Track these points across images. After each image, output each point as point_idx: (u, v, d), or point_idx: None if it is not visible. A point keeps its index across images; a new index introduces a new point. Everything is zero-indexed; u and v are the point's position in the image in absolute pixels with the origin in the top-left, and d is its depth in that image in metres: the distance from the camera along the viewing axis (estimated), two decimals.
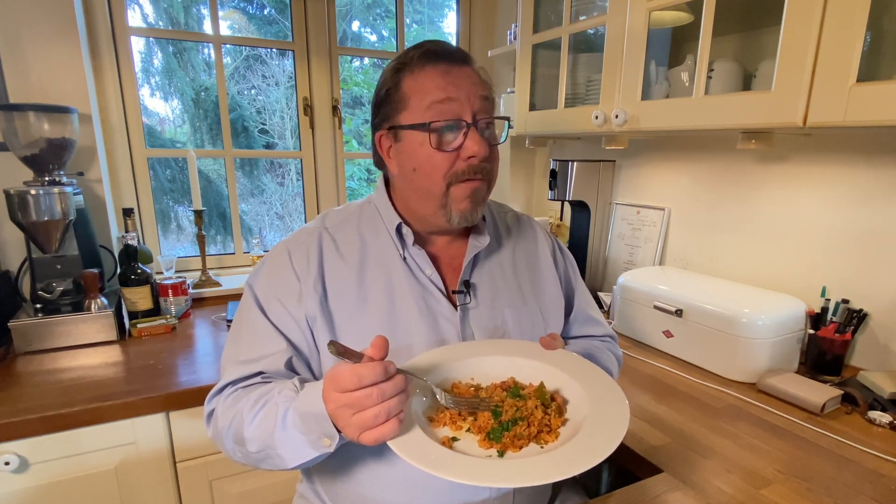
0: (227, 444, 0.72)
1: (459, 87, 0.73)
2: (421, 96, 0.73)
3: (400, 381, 0.57)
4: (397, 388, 0.56)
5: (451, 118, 0.73)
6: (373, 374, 0.55)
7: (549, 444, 0.62)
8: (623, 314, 1.42)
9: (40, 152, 1.35)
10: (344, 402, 0.56)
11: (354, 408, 0.55)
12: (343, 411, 0.56)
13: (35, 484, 1.05)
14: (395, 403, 0.56)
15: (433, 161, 0.74)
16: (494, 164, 0.79)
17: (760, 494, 0.77)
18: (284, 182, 2.47)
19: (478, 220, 0.80)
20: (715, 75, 1.15)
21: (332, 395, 0.57)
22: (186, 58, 2.08)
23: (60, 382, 1.13)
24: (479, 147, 0.73)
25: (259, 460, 0.68)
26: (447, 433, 0.64)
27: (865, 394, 1.02)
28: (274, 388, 0.68)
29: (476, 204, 0.77)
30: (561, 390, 0.71)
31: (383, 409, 0.55)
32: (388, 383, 0.56)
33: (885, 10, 0.89)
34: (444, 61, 0.74)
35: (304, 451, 0.63)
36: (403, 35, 2.12)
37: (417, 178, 0.76)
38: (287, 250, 0.79)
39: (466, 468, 0.55)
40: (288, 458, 0.64)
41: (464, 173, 0.74)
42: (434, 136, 0.73)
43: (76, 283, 1.36)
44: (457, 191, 0.75)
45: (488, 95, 0.76)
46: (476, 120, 0.74)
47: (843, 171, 1.18)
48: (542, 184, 2.14)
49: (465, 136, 0.73)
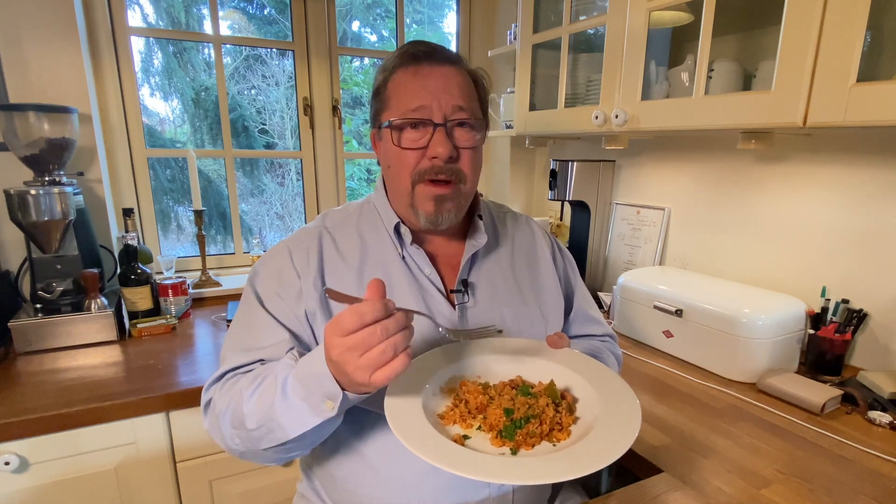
0: (224, 430, 0.69)
1: (431, 90, 0.74)
2: (398, 99, 0.75)
3: (401, 318, 0.56)
4: (400, 325, 0.55)
5: (419, 118, 0.74)
6: (374, 312, 0.54)
7: (562, 442, 0.62)
8: (623, 314, 1.42)
9: (40, 152, 1.35)
10: (348, 344, 0.54)
11: (360, 348, 0.54)
12: (349, 355, 0.54)
13: (35, 484, 1.05)
14: (401, 339, 0.55)
15: (401, 159, 0.76)
16: (465, 166, 0.77)
17: (760, 494, 0.77)
18: (284, 182, 2.47)
19: (448, 224, 0.79)
20: (715, 75, 1.15)
21: (335, 340, 0.55)
22: (186, 58, 2.08)
23: (60, 382, 1.13)
24: (443, 148, 0.73)
25: (258, 438, 0.65)
26: (458, 431, 0.63)
27: (865, 394, 1.02)
28: (275, 365, 0.67)
29: (440, 208, 0.76)
30: (570, 388, 0.71)
31: (389, 344, 0.54)
32: (390, 319, 0.54)
33: (885, 10, 0.89)
34: (418, 63, 0.75)
35: (306, 418, 0.61)
36: (403, 35, 2.12)
37: (390, 174, 0.79)
38: (288, 249, 0.80)
39: (486, 466, 0.55)
40: (289, 427, 0.62)
41: (426, 173, 0.75)
42: (397, 134, 0.75)
43: (76, 283, 1.36)
44: (420, 190, 0.76)
45: (464, 105, 0.75)
46: (446, 121, 0.74)
47: (843, 171, 1.18)
48: (542, 184, 2.14)
49: (432, 136, 0.74)
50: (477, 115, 0.78)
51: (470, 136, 0.77)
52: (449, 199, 0.77)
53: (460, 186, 0.78)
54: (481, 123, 0.79)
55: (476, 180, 0.81)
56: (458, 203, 0.79)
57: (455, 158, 0.76)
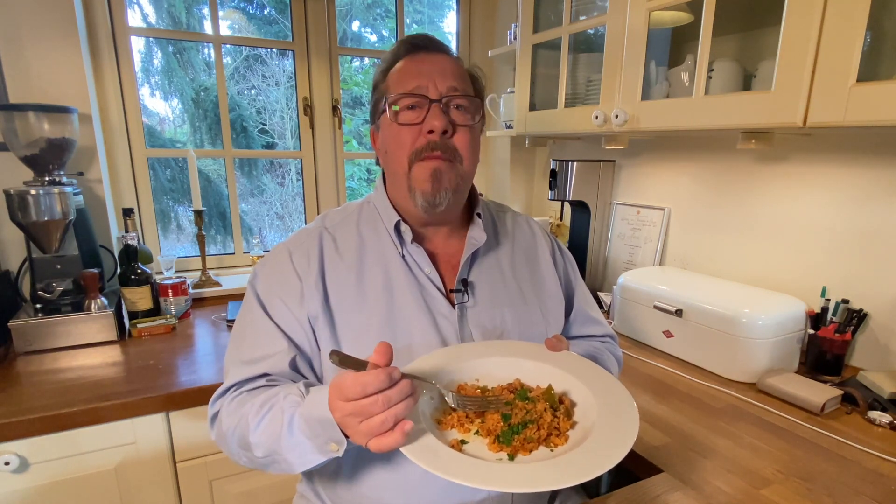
0: (231, 447, 0.71)
1: (428, 72, 0.76)
2: (396, 81, 0.77)
3: (405, 387, 0.57)
4: (403, 394, 0.56)
5: (416, 95, 0.75)
6: (377, 382, 0.54)
7: (559, 448, 0.62)
8: (623, 314, 1.42)
9: (40, 152, 1.35)
10: (349, 410, 0.55)
11: (361, 416, 0.55)
12: (350, 420, 0.56)
13: (35, 484, 1.05)
14: (402, 409, 0.56)
15: (398, 139, 0.76)
16: (460, 144, 0.77)
17: (760, 494, 0.77)
18: (284, 182, 2.47)
19: (446, 204, 0.77)
20: (715, 75, 1.15)
21: (338, 404, 0.57)
22: (186, 58, 2.08)
23: (60, 382, 1.13)
24: (438, 121, 0.74)
25: (265, 465, 0.68)
26: (456, 436, 0.63)
27: (865, 394, 1.02)
28: (279, 393, 0.68)
29: (438, 185, 0.75)
30: (568, 393, 0.71)
31: (390, 415, 0.55)
32: (393, 390, 0.55)
33: (885, 10, 0.89)
34: (415, 50, 0.79)
35: (311, 455, 0.63)
36: (403, 35, 2.12)
37: (389, 160, 0.79)
38: (288, 250, 0.80)
39: (482, 473, 0.54)
40: (295, 463, 0.64)
41: (423, 150, 0.75)
42: (394, 113, 0.76)
43: (76, 283, 1.36)
44: (417, 170, 0.76)
45: (458, 86, 0.77)
46: (441, 98, 0.75)
47: (843, 171, 1.18)
48: (542, 184, 2.14)
49: (428, 111, 0.75)
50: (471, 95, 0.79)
51: (466, 116, 0.78)
52: (445, 173, 0.76)
53: (456, 164, 0.77)
54: (477, 105, 0.80)
55: (473, 163, 0.80)
56: (456, 183, 0.77)
57: (450, 135, 0.76)
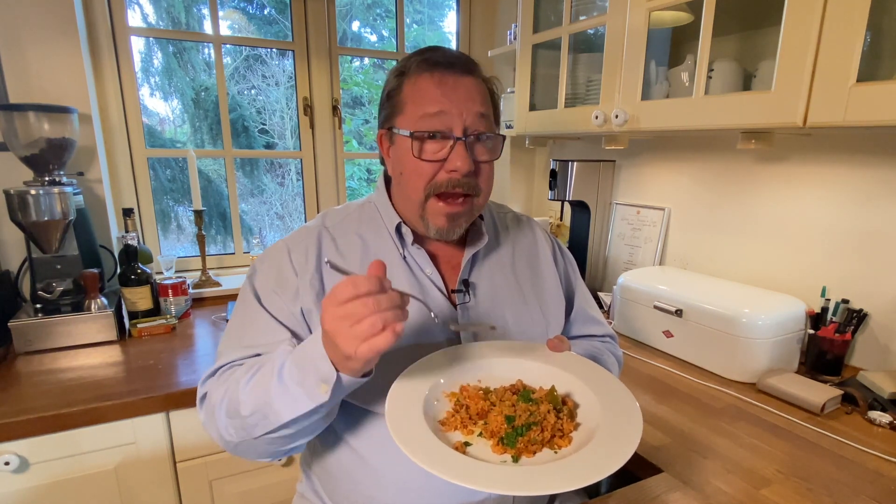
0: (220, 421, 0.69)
1: (453, 99, 0.73)
2: (416, 104, 0.74)
3: (395, 296, 0.57)
4: (393, 302, 0.56)
5: (439, 130, 0.73)
6: (367, 284, 0.55)
7: (563, 450, 0.61)
8: (623, 314, 1.42)
9: (40, 152, 1.35)
10: (340, 314, 0.55)
11: (351, 319, 0.54)
12: (340, 323, 0.55)
13: (35, 484, 1.05)
14: (391, 315, 0.55)
15: (417, 169, 0.75)
16: (482, 180, 0.77)
17: (760, 494, 0.77)
18: (284, 182, 2.47)
19: (458, 235, 0.80)
20: (715, 75, 1.15)
21: (330, 309, 0.56)
22: (186, 58, 2.08)
23: (60, 382, 1.13)
24: (463, 162, 0.73)
25: (252, 425, 0.65)
26: (459, 438, 0.63)
27: (865, 394, 1.02)
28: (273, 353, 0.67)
29: (453, 224, 0.77)
30: (571, 394, 0.71)
31: (379, 318, 0.54)
32: (383, 295, 0.55)
33: (885, 10, 0.89)
34: (442, 70, 0.74)
35: (300, 401, 0.61)
36: (403, 35, 2.12)
37: (403, 181, 0.78)
38: (286, 248, 0.80)
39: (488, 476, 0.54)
40: (283, 411, 0.62)
41: (443, 185, 0.74)
42: (418, 144, 0.74)
43: (76, 283, 1.36)
44: (433, 205, 0.76)
45: (485, 112, 0.75)
46: (466, 134, 0.74)
47: (843, 171, 1.18)
48: (542, 184, 2.14)
49: (452, 149, 0.74)
50: (494, 127, 0.78)
51: (489, 149, 0.77)
52: (462, 215, 0.77)
53: (474, 200, 0.78)
54: (500, 139, 0.79)
55: (489, 192, 0.81)
56: (470, 218, 0.80)
57: (473, 173, 0.76)
